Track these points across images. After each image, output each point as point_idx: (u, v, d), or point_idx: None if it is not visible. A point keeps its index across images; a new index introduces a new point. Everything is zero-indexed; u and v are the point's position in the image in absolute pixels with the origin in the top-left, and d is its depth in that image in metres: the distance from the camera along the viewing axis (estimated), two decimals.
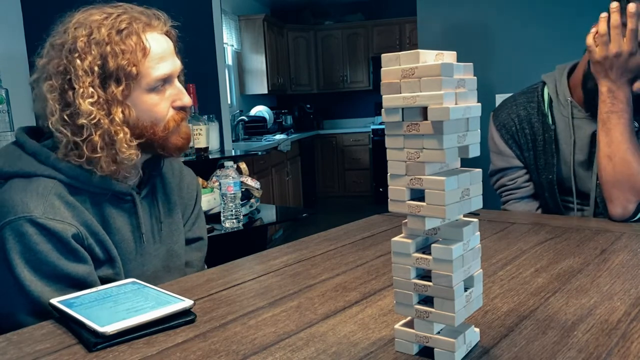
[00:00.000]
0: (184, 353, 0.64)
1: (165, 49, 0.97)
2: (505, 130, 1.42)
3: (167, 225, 1.10)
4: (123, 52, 0.91)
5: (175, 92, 0.99)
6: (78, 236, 0.90)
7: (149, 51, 0.93)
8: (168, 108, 0.98)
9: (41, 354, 0.65)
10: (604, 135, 1.21)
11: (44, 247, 0.86)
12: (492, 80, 2.31)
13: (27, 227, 0.85)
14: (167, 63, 0.96)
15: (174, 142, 1.00)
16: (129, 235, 1.01)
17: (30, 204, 0.87)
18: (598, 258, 0.93)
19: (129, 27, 0.92)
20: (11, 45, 2.28)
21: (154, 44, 0.95)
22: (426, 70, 0.52)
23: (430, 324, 0.57)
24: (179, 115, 1.00)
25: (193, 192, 1.21)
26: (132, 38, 0.92)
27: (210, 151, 2.39)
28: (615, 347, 0.60)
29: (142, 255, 1.03)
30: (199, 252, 1.23)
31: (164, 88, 0.97)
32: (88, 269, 0.91)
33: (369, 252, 1.05)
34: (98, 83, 0.91)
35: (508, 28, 2.38)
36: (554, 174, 1.36)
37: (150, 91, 0.95)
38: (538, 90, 1.42)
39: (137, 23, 0.94)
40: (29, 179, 0.91)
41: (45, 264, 0.87)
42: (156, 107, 0.96)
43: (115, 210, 0.99)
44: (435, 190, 0.52)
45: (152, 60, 0.94)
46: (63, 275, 0.88)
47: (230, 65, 5.62)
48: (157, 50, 0.95)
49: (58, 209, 0.89)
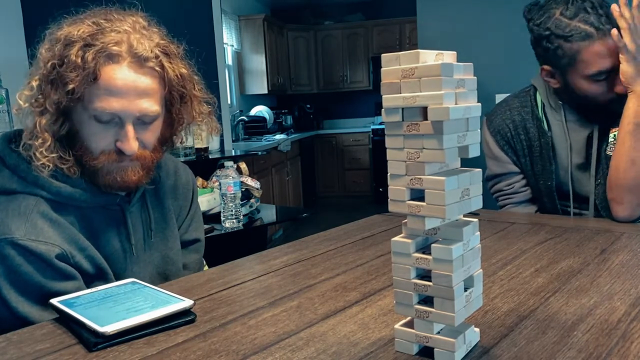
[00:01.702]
0: (184, 353, 0.64)
1: (128, 87, 0.88)
2: (501, 136, 1.41)
3: (161, 231, 1.07)
4: (75, 66, 0.86)
5: (121, 134, 0.90)
6: (63, 255, 0.87)
7: (99, 79, 0.87)
8: (111, 143, 0.91)
9: (41, 354, 0.65)
10: (632, 139, 1.16)
11: (28, 269, 0.84)
12: (492, 80, 2.31)
13: (8, 250, 0.83)
14: (121, 101, 0.88)
15: (106, 180, 0.93)
16: (118, 246, 0.98)
17: (12, 225, 0.85)
18: (598, 258, 0.93)
19: (96, 46, 0.87)
20: (11, 45, 2.28)
21: (112, 79, 0.87)
22: (426, 70, 0.52)
23: (430, 323, 0.57)
24: (112, 157, 0.91)
25: (188, 192, 1.17)
26: (88, 56, 0.86)
27: (210, 151, 2.40)
28: (615, 347, 0.60)
29: (135, 264, 1.01)
30: (196, 254, 1.20)
31: (112, 123, 0.90)
32: (77, 284, 0.89)
33: (369, 252, 1.05)
34: (46, 81, 0.88)
35: (508, 28, 2.38)
36: (553, 181, 1.35)
37: (91, 119, 0.89)
38: (530, 94, 1.40)
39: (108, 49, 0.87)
40: (9, 196, 0.89)
41: (31, 285, 0.85)
42: (94, 135, 0.90)
43: (104, 222, 0.96)
44: (435, 190, 0.52)
45: (100, 90, 0.87)
46: (51, 294, 0.84)
47: (230, 65, 5.62)
48: (115, 84, 0.88)
49: (41, 228, 0.86)
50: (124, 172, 0.93)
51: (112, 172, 0.92)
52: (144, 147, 0.95)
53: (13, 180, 0.90)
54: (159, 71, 0.92)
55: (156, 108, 0.93)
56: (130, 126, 0.90)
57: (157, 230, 1.07)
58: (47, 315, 0.83)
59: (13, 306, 0.84)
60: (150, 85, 0.91)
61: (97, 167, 0.92)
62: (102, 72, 0.87)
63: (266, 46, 5.85)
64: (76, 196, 0.92)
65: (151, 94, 0.92)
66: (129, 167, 0.93)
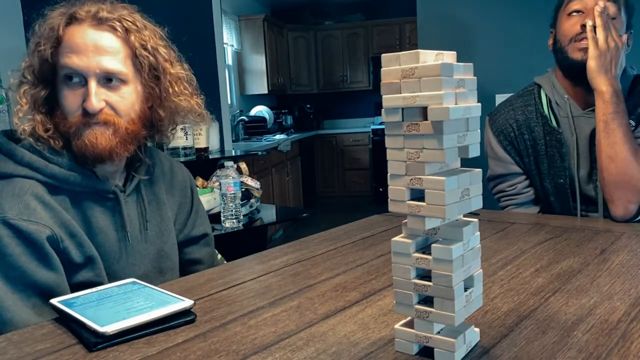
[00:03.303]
0: (184, 353, 0.64)
1: (87, 44, 0.93)
2: (504, 136, 1.40)
3: (156, 224, 1.08)
4: (47, 35, 0.94)
5: (86, 93, 0.93)
6: (53, 238, 0.88)
7: (62, 39, 0.93)
8: (78, 107, 0.94)
9: (41, 354, 0.65)
10: (605, 136, 1.20)
11: (15, 250, 0.85)
12: (492, 80, 2.31)
13: (0, 229, 0.84)
14: (82, 57, 0.92)
15: (77, 146, 0.94)
16: (112, 235, 0.99)
17: (6, 205, 0.86)
18: (598, 258, 0.93)
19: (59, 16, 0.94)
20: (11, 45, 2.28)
21: (74, 36, 0.93)
22: (426, 70, 0.52)
23: (430, 323, 0.57)
24: (80, 119, 0.94)
25: (186, 189, 1.18)
26: (54, 23, 0.94)
27: (210, 151, 2.39)
28: (615, 347, 0.60)
29: (130, 255, 1.02)
30: (207, 247, 1.22)
31: (79, 84, 0.94)
32: (58, 279, 0.89)
33: (369, 252, 1.05)
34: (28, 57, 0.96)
35: (508, 28, 2.38)
36: (566, 178, 1.34)
37: (62, 82, 0.94)
38: (534, 92, 1.40)
39: (66, 14, 0.95)
40: (5, 180, 0.90)
41: (13, 269, 0.85)
42: (65, 100, 0.94)
43: (98, 209, 0.97)
44: (435, 190, 0.52)
45: (64, 49, 0.93)
46: (31, 283, 0.86)
47: (230, 65, 5.62)
48: (74, 41, 0.93)
49: (34, 209, 0.87)
50: (92, 136, 0.94)
51: (82, 136, 0.94)
52: (114, 110, 0.96)
53: (9, 164, 0.92)
54: (120, 32, 0.96)
55: (119, 67, 0.95)
56: (92, 83, 0.93)
57: (153, 223, 1.07)
58: (21, 305, 0.83)
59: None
60: (110, 44, 0.95)
61: (70, 131, 0.94)
62: (65, 33, 0.94)
63: (266, 46, 5.85)
64: (70, 179, 0.94)
65: (112, 53, 0.94)
66: (97, 131, 0.94)
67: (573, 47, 1.28)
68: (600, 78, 1.19)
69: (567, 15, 1.30)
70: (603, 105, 1.20)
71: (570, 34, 1.29)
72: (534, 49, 2.29)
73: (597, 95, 1.20)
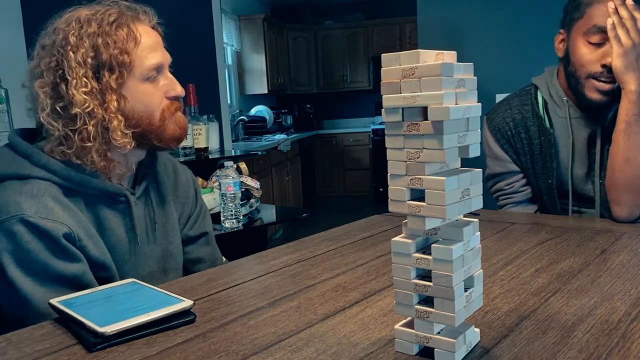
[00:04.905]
0: (184, 353, 0.64)
1: (154, 41, 0.99)
2: (501, 134, 1.40)
3: (162, 225, 1.09)
4: (115, 42, 0.93)
5: (167, 83, 1.01)
6: (70, 236, 0.89)
7: (139, 41, 0.96)
8: (162, 98, 1.00)
9: (41, 354, 0.65)
10: (625, 138, 1.16)
11: (35, 246, 0.86)
12: (492, 80, 2.31)
13: (18, 227, 0.85)
14: (158, 53, 0.99)
15: (171, 132, 1.01)
16: (123, 237, 1.00)
17: (24, 204, 0.87)
18: (598, 258, 0.93)
19: (118, 19, 0.95)
20: (11, 45, 2.28)
21: (144, 35, 0.97)
22: (426, 70, 0.52)
23: (430, 324, 0.57)
24: (173, 106, 1.01)
25: (190, 189, 1.20)
26: (122, 29, 0.95)
27: (210, 151, 2.39)
28: (616, 347, 0.60)
29: (137, 256, 1.03)
30: (207, 246, 1.23)
31: (157, 78, 0.99)
32: (82, 268, 0.91)
33: (369, 252, 1.05)
34: (91, 75, 0.92)
35: (508, 28, 2.38)
36: (554, 178, 1.34)
37: (144, 81, 0.97)
38: (531, 92, 1.40)
39: (125, 16, 0.97)
40: (23, 180, 0.91)
41: (36, 263, 0.86)
42: (150, 97, 0.98)
43: (110, 212, 0.99)
44: (435, 190, 0.52)
45: (143, 50, 0.96)
46: (55, 275, 0.87)
47: (230, 65, 5.62)
48: (148, 41, 0.97)
49: (52, 209, 0.89)
50: (181, 118, 1.03)
51: (172, 122, 1.01)
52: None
53: (26, 166, 0.93)
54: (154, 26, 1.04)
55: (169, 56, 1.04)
56: (169, 73, 1.02)
57: (159, 224, 1.09)
58: (48, 297, 0.83)
59: (18, 286, 0.85)
60: (160, 38, 1.03)
61: (167, 121, 1.00)
62: (142, 35, 0.97)
63: (266, 46, 5.85)
64: (85, 182, 0.95)
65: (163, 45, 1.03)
66: (178, 113, 1.03)
67: (591, 86, 1.22)
68: (629, 76, 1.14)
69: (586, 34, 1.21)
70: (629, 105, 1.15)
71: (589, 70, 1.22)
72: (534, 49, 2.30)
73: (624, 94, 1.16)
